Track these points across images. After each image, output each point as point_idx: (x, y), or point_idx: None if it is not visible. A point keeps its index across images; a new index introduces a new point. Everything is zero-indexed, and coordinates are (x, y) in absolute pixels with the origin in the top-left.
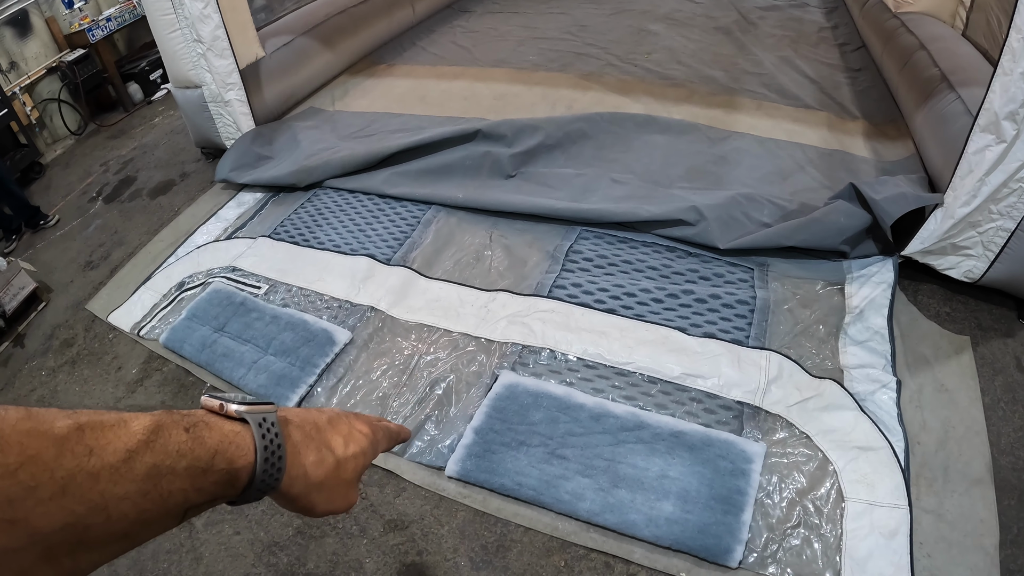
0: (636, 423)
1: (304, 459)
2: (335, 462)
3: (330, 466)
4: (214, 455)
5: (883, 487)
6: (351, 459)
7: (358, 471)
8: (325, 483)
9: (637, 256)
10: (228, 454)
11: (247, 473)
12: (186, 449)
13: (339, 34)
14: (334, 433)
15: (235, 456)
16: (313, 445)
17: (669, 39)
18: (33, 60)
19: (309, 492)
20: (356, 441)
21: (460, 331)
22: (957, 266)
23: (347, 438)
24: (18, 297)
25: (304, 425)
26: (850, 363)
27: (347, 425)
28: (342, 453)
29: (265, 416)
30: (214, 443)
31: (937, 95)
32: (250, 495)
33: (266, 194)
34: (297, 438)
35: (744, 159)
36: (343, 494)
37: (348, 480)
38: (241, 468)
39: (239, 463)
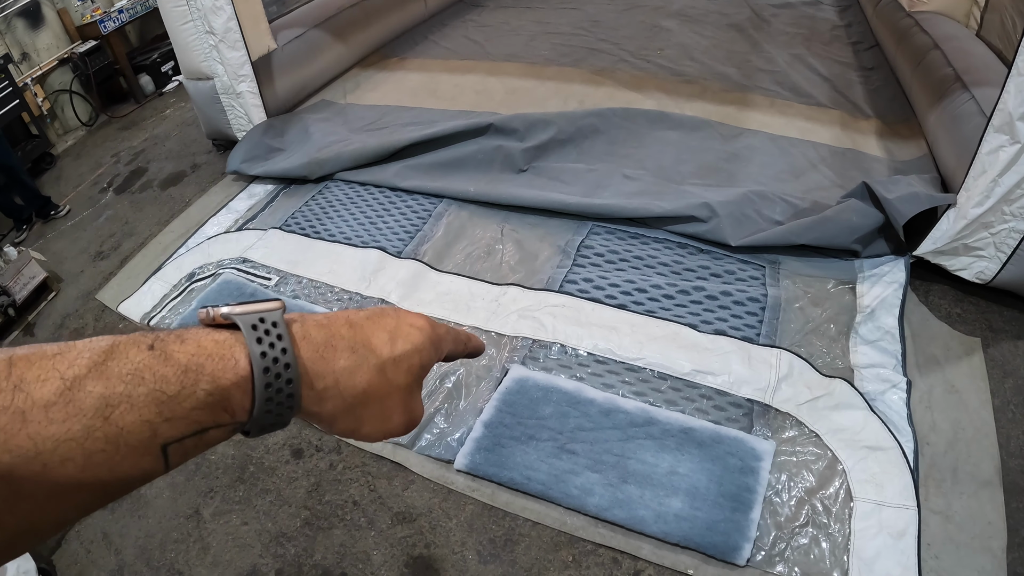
0: (646, 419)
1: (331, 365)
2: (378, 364)
3: (372, 370)
4: (183, 373)
5: (892, 487)
6: (403, 359)
7: (414, 374)
8: (370, 394)
9: (648, 252)
10: (207, 370)
11: (243, 393)
12: (145, 370)
13: (351, 27)
14: (375, 329)
15: (219, 371)
16: (344, 345)
17: (682, 35)
18: (45, 51)
19: (351, 408)
20: (406, 337)
21: (471, 325)
22: (969, 267)
23: (394, 333)
24: (28, 286)
25: (330, 324)
26: (860, 362)
27: (393, 318)
28: (388, 352)
29: (264, 316)
30: (185, 358)
31: (951, 95)
32: (264, 420)
33: (277, 186)
34: (317, 339)
35: (756, 156)
36: (400, 406)
37: (402, 386)
38: (232, 385)
39: (226, 379)
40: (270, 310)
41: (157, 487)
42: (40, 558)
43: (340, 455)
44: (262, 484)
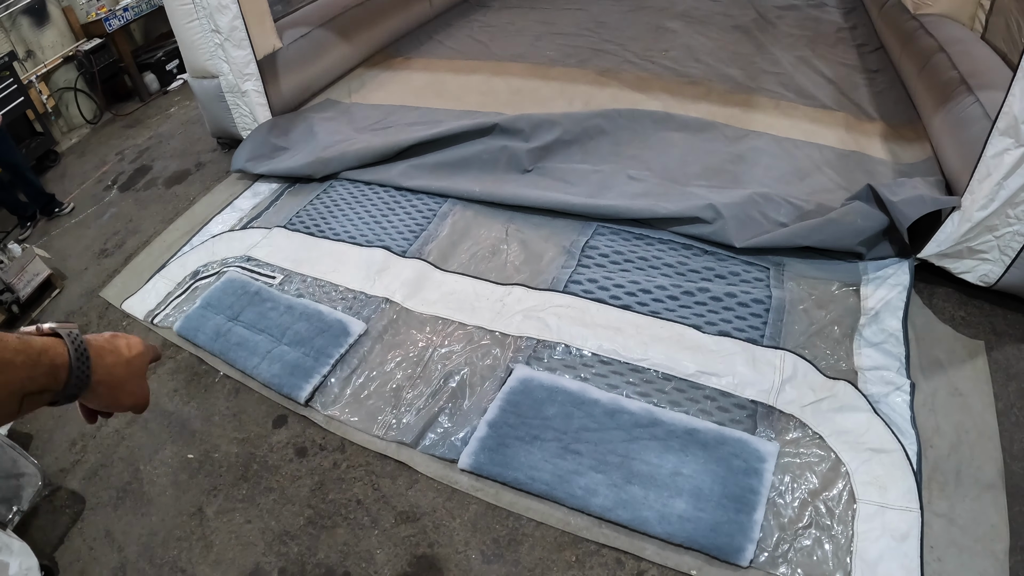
0: (650, 420)
1: (105, 359)
2: (126, 360)
3: (123, 363)
4: (39, 353)
5: (895, 490)
6: (136, 358)
7: (143, 367)
8: (125, 378)
9: (653, 253)
10: (50, 354)
11: (65, 370)
12: (20, 347)
13: (356, 26)
14: (119, 341)
15: (55, 355)
16: (107, 349)
17: (687, 37)
18: (50, 49)
19: (115, 386)
20: (135, 345)
21: (475, 324)
22: (973, 270)
23: (128, 344)
24: (33, 283)
25: (98, 339)
26: (864, 365)
27: (124, 337)
28: (128, 354)
29: (71, 331)
30: (39, 345)
31: (956, 98)
32: (70, 388)
33: (282, 184)
34: (95, 346)
35: (761, 158)
36: (139, 385)
37: (139, 374)
38: (60, 365)
39: (59, 360)
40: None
41: (160, 485)
42: (43, 555)
43: (344, 454)
44: (265, 482)
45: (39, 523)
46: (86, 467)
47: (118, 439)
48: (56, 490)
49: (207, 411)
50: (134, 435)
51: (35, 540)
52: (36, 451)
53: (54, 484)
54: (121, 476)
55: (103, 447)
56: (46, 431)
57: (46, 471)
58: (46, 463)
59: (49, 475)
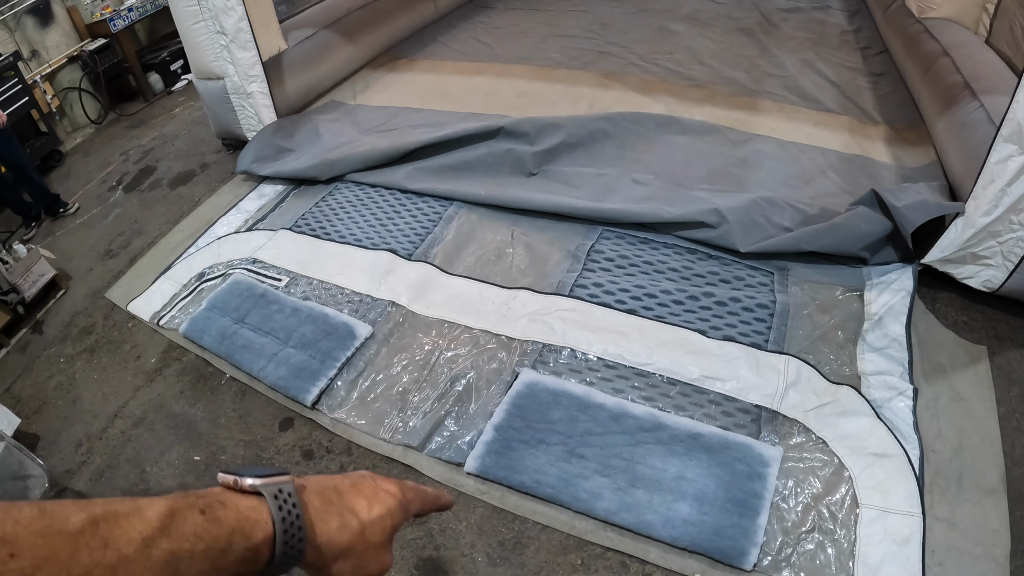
0: (655, 424)
1: (327, 526)
2: (360, 526)
3: (355, 530)
4: (231, 534)
5: (897, 494)
6: (377, 521)
7: (387, 533)
8: (353, 548)
9: (658, 257)
10: (246, 531)
11: (268, 547)
12: (203, 531)
13: (361, 28)
14: (357, 496)
15: (253, 532)
16: (334, 511)
17: (691, 39)
18: (54, 49)
19: (337, 559)
20: (382, 502)
21: (481, 328)
22: (976, 275)
23: (371, 500)
24: (37, 284)
25: (324, 492)
26: (868, 369)
27: (371, 487)
28: (367, 516)
29: (281, 487)
30: (231, 522)
31: (959, 102)
32: (275, 569)
33: (287, 186)
34: (317, 505)
35: (765, 162)
36: (375, 557)
37: (377, 543)
38: (261, 543)
39: (258, 538)
40: (286, 482)
41: (166, 487)
42: None
43: (350, 456)
44: None
45: None
46: (92, 468)
47: (124, 441)
48: (62, 491)
49: (213, 413)
50: (140, 437)
51: None
52: (42, 452)
53: (60, 485)
54: (127, 478)
55: (109, 449)
56: (52, 432)
57: (52, 472)
58: (52, 464)
59: (55, 476)
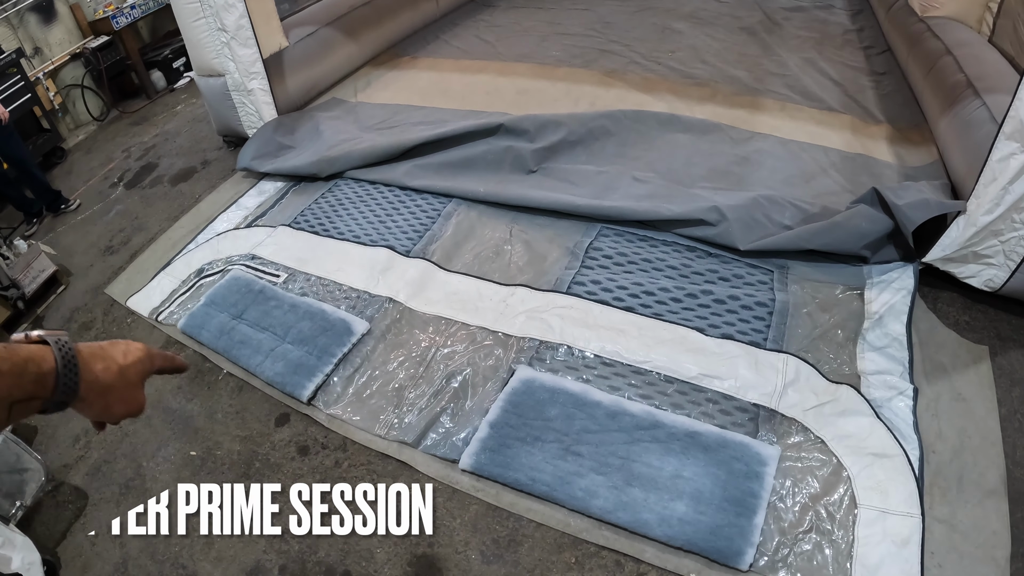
0: (652, 422)
1: (94, 367)
2: (119, 368)
3: (115, 371)
4: (26, 361)
5: (896, 495)
6: (132, 365)
7: (140, 375)
8: (115, 386)
9: (657, 255)
10: (36, 360)
11: (52, 377)
12: (5, 356)
13: (363, 25)
14: (114, 348)
15: (42, 363)
16: (99, 356)
17: (693, 38)
18: (57, 46)
19: (104, 394)
20: (132, 353)
21: (478, 325)
22: (978, 275)
23: (125, 351)
24: (38, 279)
25: (90, 347)
26: (867, 369)
27: (124, 344)
28: (123, 361)
29: (60, 338)
30: (25, 353)
31: (962, 101)
32: (57, 395)
33: (287, 183)
34: (86, 352)
35: (767, 160)
36: (132, 396)
37: (133, 383)
38: (47, 372)
39: (45, 368)
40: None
41: (163, 481)
42: (45, 550)
43: (346, 452)
44: (267, 480)
45: (42, 518)
46: (89, 463)
47: (121, 435)
48: (59, 485)
49: (210, 409)
50: (137, 432)
51: (38, 535)
52: (40, 447)
53: (57, 479)
54: (124, 472)
55: (106, 443)
56: (50, 427)
57: (49, 466)
58: (49, 459)
59: (52, 470)
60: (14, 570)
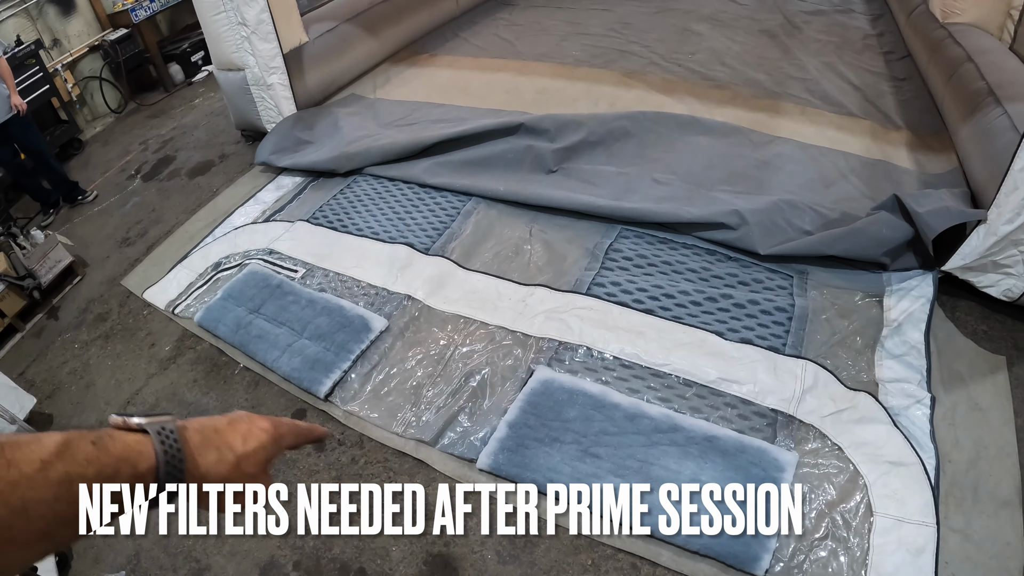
0: (670, 425)
1: (205, 459)
2: (235, 459)
3: (231, 463)
4: (118, 462)
5: (912, 503)
6: (251, 454)
7: (259, 464)
8: (229, 479)
9: (677, 257)
10: (131, 460)
11: (151, 476)
12: (93, 458)
13: (383, 22)
14: (233, 433)
15: (138, 462)
16: (212, 446)
17: (713, 40)
18: (76, 38)
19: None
20: (256, 437)
21: (497, 324)
22: (997, 284)
23: (246, 436)
24: (54, 270)
25: (203, 430)
26: (885, 376)
27: (246, 425)
28: (242, 450)
29: (164, 425)
30: (118, 451)
31: (983, 109)
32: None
33: (305, 178)
34: (196, 441)
35: (786, 165)
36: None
37: (252, 474)
38: (145, 471)
39: (143, 467)
40: (168, 421)
41: None
42: None
43: (362, 449)
44: (282, 476)
45: None
46: None
47: None
48: None
49: (226, 403)
50: None
51: None
52: None
53: None
54: None
55: None
56: (65, 417)
57: None
58: None
59: None
60: None
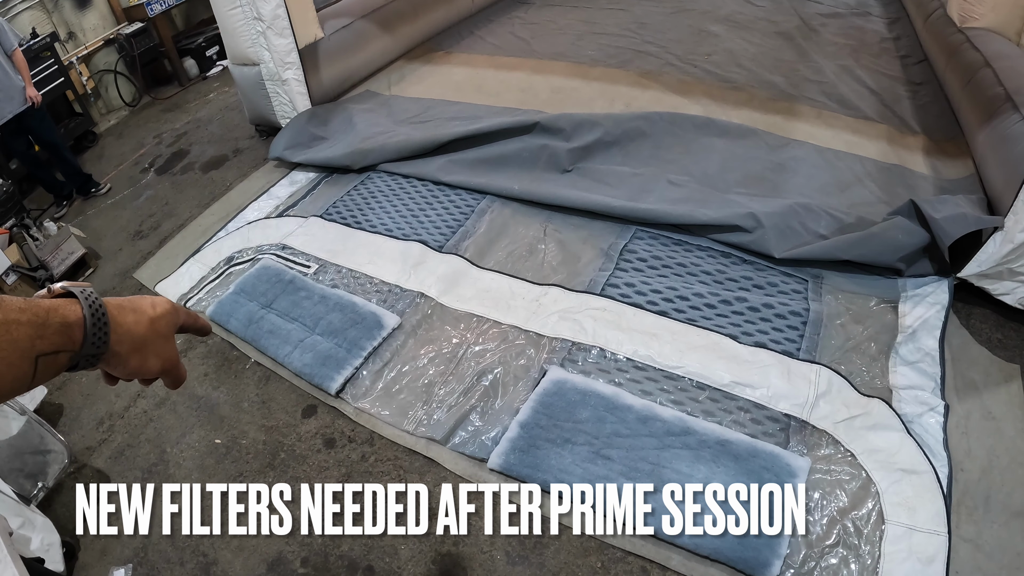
0: (683, 428)
1: (124, 318)
2: (149, 319)
3: (146, 323)
4: (48, 311)
5: (924, 512)
6: (161, 317)
7: (170, 326)
8: (148, 337)
9: (691, 260)
10: (61, 311)
11: (80, 328)
12: (25, 307)
13: (398, 19)
14: (142, 301)
15: (68, 313)
16: (128, 308)
17: (729, 41)
18: (91, 31)
19: (139, 347)
20: (161, 305)
21: (510, 323)
22: (1012, 292)
23: (153, 303)
24: (67, 262)
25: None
26: (899, 383)
27: (150, 297)
28: (152, 313)
29: (85, 288)
30: (48, 304)
31: (1001, 115)
32: (87, 347)
33: (319, 174)
34: (114, 304)
35: (802, 168)
36: (165, 348)
37: (164, 334)
38: (74, 323)
39: (72, 318)
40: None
41: (186, 468)
42: (64, 531)
43: (372, 446)
44: (292, 471)
45: (63, 500)
46: (112, 446)
47: (146, 420)
48: (81, 468)
49: (236, 397)
50: (162, 417)
51: (58, 516)
52: (64, 428)
53: (80, 462)
54: (147, 457)
55: (130, 427)
56: (75, 409)
57: (72, 448)
58: (73, 440)
59: (75, 453)
60: (33, 551)
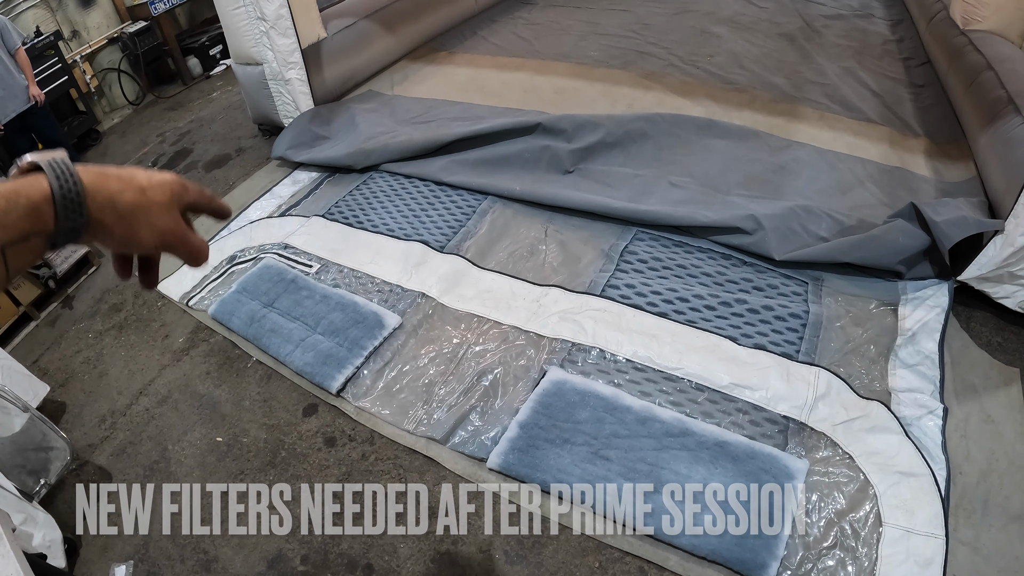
0: (681, 430)
1: (107, 185)
2: (139, 187)
3: (135, 190)
4: (10, 194)
5: (922, 515)
6: (157, 186)
7: (168, 196)
8: (138, 205)
9: (692, 261)
10: (23, 191)
11: (49, 205)
12: None
13: (401, 19)
14: (135, 170)
15: (32, 192)
16: (114, 176)
17: (732, 42)
18: (95, 30)
19: (126, 216)
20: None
21: (510, 324)
22: (1012, 295)
23: (150, 174)
24: (69, 260)
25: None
26: (898, 386)
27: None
28: (147, 181)
29: (54, 158)
30: (8, 187)
31: (1003, 118)
32: (63, 225)
33: (321, 174)
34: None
35: (804, 170)
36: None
37: (160, 202)
38: (41, 201)
39: (38, 196)
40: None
41: (187, 466)
42: (66, 527)
43: (373, 445)
44: (293, 470)
45: (65, 496)
46: (115, 444)
47: (148, 418)
48: (83, 465)
49: (238, 395)
50: (164, 415)
51: (60, 513)
52: (66, 425)
53: (82, 459)
54: (149, 455)
55: (133, 425)
56: (77, 406)
57: (75, 446)
58: (75, 438)
59: (77, 450)
60: (35, 547)
